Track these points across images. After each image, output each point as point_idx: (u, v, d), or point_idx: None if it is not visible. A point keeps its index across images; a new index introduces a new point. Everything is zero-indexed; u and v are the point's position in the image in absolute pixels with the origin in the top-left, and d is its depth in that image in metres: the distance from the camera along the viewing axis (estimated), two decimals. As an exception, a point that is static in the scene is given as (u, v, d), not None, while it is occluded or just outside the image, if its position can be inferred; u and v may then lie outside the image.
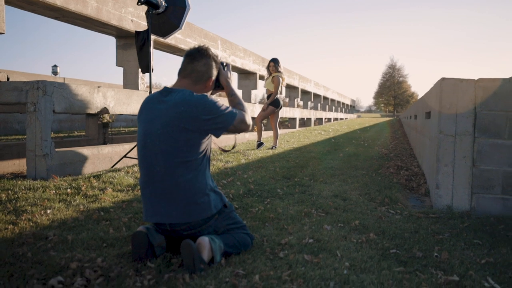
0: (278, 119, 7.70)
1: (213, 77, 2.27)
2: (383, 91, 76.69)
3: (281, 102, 7.57)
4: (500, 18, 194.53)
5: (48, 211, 2.88)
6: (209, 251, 1.96)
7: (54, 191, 3.45)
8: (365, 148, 7.88)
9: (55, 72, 29.73)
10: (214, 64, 2.25)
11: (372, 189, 3.83)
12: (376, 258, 2.14)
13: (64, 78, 20.71)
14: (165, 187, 2.06)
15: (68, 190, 3.50)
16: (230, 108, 2.18)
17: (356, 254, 2.19)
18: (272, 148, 7.45)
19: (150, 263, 1.99)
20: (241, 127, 2.21)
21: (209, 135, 2.15)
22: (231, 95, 2.37)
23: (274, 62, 7.46)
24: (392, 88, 75.09)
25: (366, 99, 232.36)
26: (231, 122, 2.15)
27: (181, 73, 2.20)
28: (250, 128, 2.31)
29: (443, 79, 3.31)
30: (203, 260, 1.92)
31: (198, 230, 2.09)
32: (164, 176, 2.06)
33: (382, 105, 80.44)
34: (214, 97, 2.20)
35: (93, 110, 4.91)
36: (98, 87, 5.01)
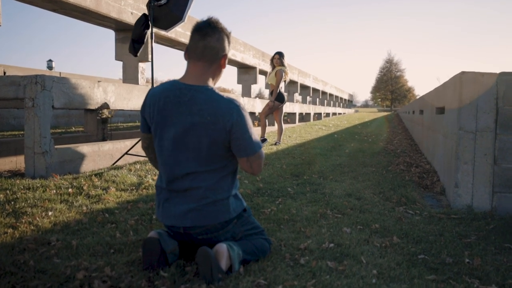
0: (283, 114, 7.54)
1: (228, 53, 2.06)
2: (380, 86, 76.61)
3: (286, 97, 7.42)
4: (496, 12, 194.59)
5: (50, 213, 2.72)
6: (227, 259, 1.81)
7: (54, 191, 3.29)
8: (369, 143, 7.74)
9: (50, 67, 29.45)
10: (226, 38, 1.99)
11: (386, 188, 3.69)
12: (404, 265, 2.00)
13: (60, 73, 20.44)
14: (184, 190, 1.91)
15: (70, 189, 3.34)
16: (258, 139, 1.99)
17: (382, 260, 2.04)
18: (275, 144, 7.30)
19: (162, 271, 1.83)
20: (255, 166, 1.97)
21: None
22: None
23: (280, 55, 7.29)
24: (389, 83, 75.03)
25: (363, 94, 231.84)
26: (252, 152, 1.92)
27: (192, 53, 1.93)
28: (257, 174, 2.11)
29: (462, 73, 3.16)
30: (221, 269, 1.77)
31: (214, 235, 1.94)
32: (184, 182, 1.91)
33: (379, 99, 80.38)
34: (244, 108, 1.97)
35: (93, 106, 4.74)
36: (98, 81, 4.83)
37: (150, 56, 5.27)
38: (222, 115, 1.87)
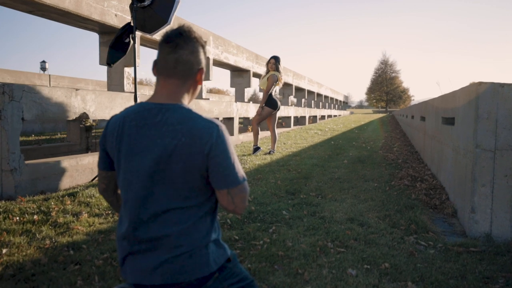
0: (276, 121, 7.16)
1: (204, 67, 1.66)
2: (375, 87, 76.47)
3: (279, 103, 7.04)
4: (496, 9, 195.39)
5: (4, 251, 2.32)
6: (206, 327, 1.43)
7: (18, 218, 2.89)
8: (368, 152, 7.38)
9: (43, 68, 29.01)
10: (202, 50, 1.61)
11: (391, 210, 3.32)
12: (426, 326, 1.63)
13: (49, 76, 19.96)
14: (151, 238, 1.52)
15: (35, 216, 2.94)
16: (242, 171, 1.58)
17: (397, 319, 1.67)
18: (269, 153, 6.92)
19: None
20: (237, 201, 1.54)
21: None
22: None
23: (275, 59, 6.92)
24: (384, 84, 74.92)
25: (357, 94, 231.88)
26: (234, 183, 1.51)
27: (162, 69, 1.57)
28: (240, 213, 1.67)
29: (480, 83, 2.80)
30: None
31: (190, 295, 1.55)
32: (152, 225, 1.51)
33: (374, 101, 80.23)
34: (226, 130, 1.55)
35: (70, 116, 4.34)
36: (76, 90, 4.44)
37: (133, 59, 4.86)
38: (199, 136, 1.47)
